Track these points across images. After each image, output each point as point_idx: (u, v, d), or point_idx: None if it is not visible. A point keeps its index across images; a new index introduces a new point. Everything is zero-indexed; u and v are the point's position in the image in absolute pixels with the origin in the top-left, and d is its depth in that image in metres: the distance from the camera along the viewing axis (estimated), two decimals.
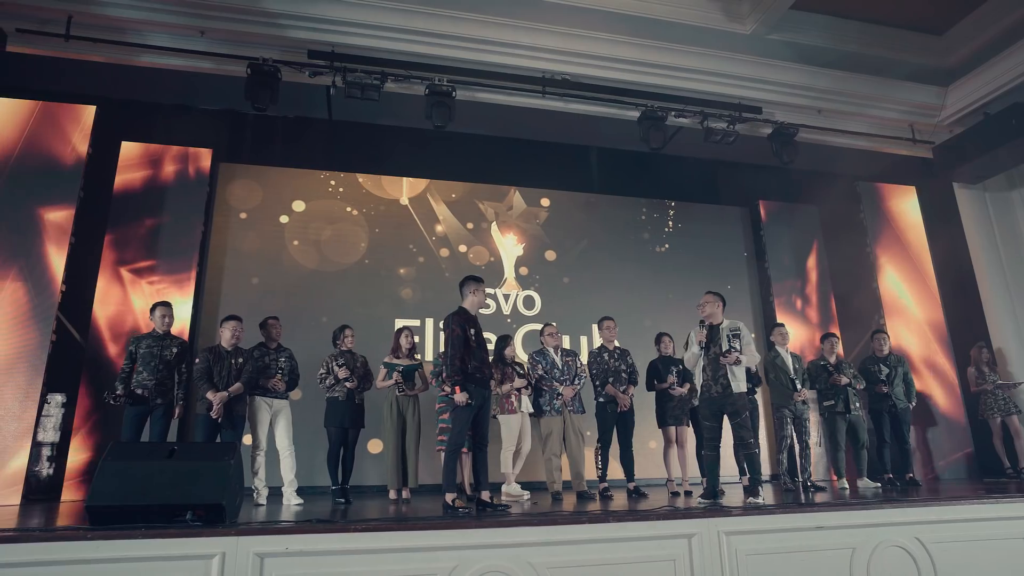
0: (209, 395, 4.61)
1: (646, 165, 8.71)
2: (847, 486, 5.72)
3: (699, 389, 4.36)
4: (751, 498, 3.93)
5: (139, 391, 4.70)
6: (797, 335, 8.38)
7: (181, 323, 6.65)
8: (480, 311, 4.32)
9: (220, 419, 4.61)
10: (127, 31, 6.15)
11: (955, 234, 8.42)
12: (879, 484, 5.78)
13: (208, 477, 2.94)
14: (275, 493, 5.01)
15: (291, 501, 4.79)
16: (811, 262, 9.06)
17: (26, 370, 5.56)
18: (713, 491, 4.17)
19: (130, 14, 6.08)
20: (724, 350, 4.21)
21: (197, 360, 4.82)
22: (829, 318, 8.83)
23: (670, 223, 8.99)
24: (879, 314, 8.25)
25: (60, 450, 5.93)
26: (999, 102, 7.70)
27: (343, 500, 4.93)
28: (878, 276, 8.35)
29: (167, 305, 5.02)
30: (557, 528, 3.13)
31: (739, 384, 4.19)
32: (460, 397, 3.94)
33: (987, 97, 7.77)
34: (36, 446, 5.71)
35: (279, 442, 4.96)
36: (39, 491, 5.72)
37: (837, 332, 8.56)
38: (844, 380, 5.86)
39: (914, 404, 6.21)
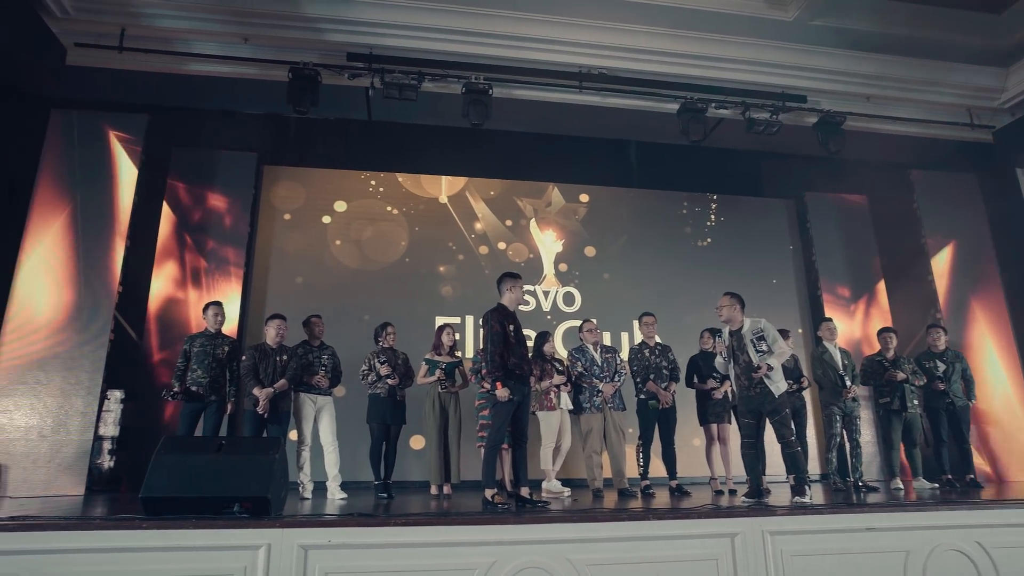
0: (255, 391, 4.75)
1: (687, 158, 8.54)
2: (902, 487, 5.52)
3: (738, 391, 4.26)
4: (797, 497, 3.82)
5: (193, 388, 4.88)
6: (846, 331, 8.13)
7: (230, 322, 6.83)
8: (519, 308, 4.31)
9: (266, 415, 4.75)
10: (175, 41, 6.36)
11: (1020, 223, 8.00)
12: (936, 485, 5.56)
13: (254, 471, 3.02)
14: (320, 487, 5.13)
15: (335, 495, 4.90)
16: (861, 255, 8.75)
17: (88, 368, 5.83)
18: (757, 489, 4.08)
19: (178, 24, 6.30)
20: (755, 366, 4.06)
21: (244, 358, 4.97)
22: (881, 313, 8.52)
23: (712, 217, 8.82)
24: (935, 308, 7.92)
25: (120, 443, 6.20)
26: None
27: (385, 495, 5.01)
28: (933, 268, 8.01)
29: (219, 305, 5.20)
30: (596, 525, 3.11)
31: (778, 387, 4.06)
32: (502, 392, 3.95)
33: None
34: (97, 440, 5.97)
35: (323, 438, 5.07)
36: (101, 482, 5.98)
37: (891, 327, 8.29)
38: (901, 376, 5.64)
39: (974, 402, 5.93)
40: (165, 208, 7.13)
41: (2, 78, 6.00)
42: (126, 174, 6.54)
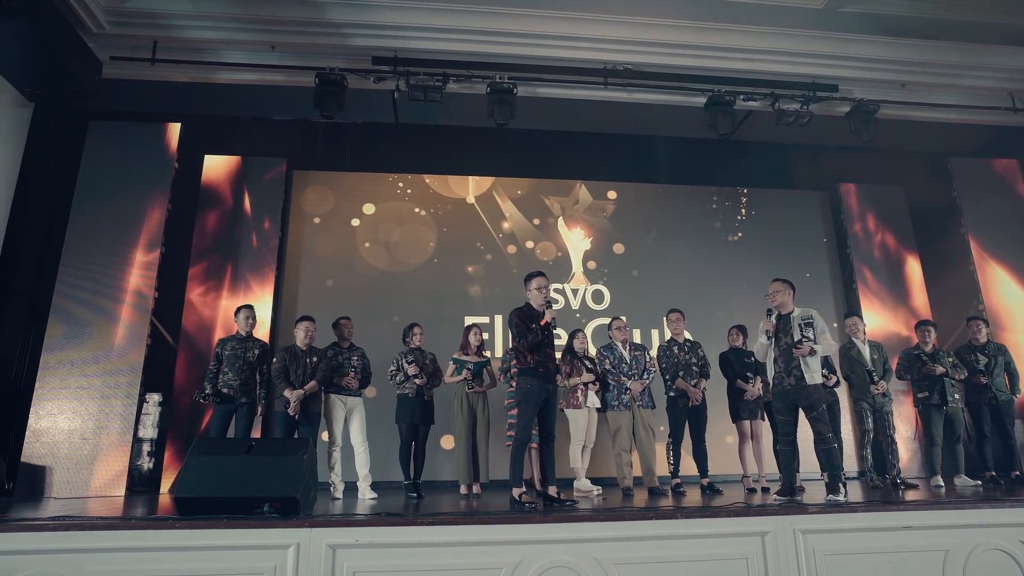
0: (286, 393, 4.83)
1: (716, 152, 8.43)
2: (943, 484, 5.35)
3: (771, 382, 4.17)
4: (831, 495, 3.74)
5: (225, 390, 4.99)
6: (883, 325, 7.92)
7: (263, 325, 7.01)
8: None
9: (297, 416, 4.83)
10: (205, 51, 6.52)
11: None
12: (979, 482, 5.37)
13: (283, 471, 3.08)
14: (351, 487, 5.20)
15: (366, 495, 4.96)
16: (898, 246, 8.51)
17: (127, 372, 6.01)
18: (790, 487, 4.00)
19: (207, 35, 6.45)
20: (796, 340, 4.02)
21: (274, 360, 5.06)
22: (920, 306, 8.27)
23: (743, 211, 8.67)
24: (977, 299, 7.67)
25: (158, 446, 6.37)
26: None
27: (415, 494, 5.05)
28: (975, 259, 7.75)
29: (250, 308, 5.30)
30: (624, 524, 3.08)
31: (814, 376, 3.99)
32: (550, 313, 3.96)
33: None
34: (137, 442, 6.16)
35: (353, 438, 5.13)
36: (141, 483, 6.16)
37: (930, 320, 8.04)
38: (940, 370, 5.46)
39: (1020, 396, 5.72)
40: (198, 214, 7.30)
41: (43, 93, 6.22)
42: (161, 182, 6.71)
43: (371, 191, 8.07)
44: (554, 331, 4.20)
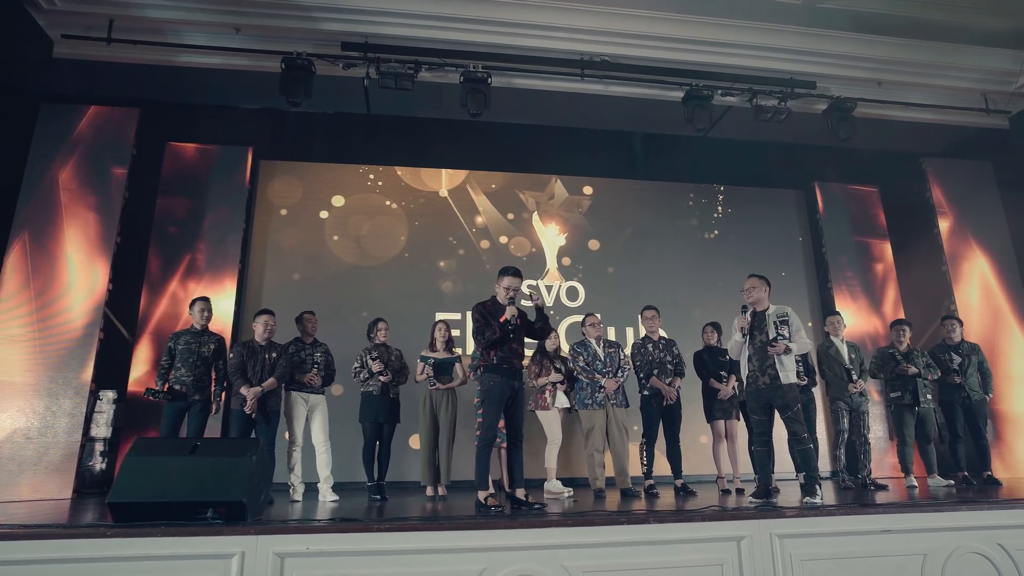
0: (243, 390, 4.59)
1: (693, 149, 8.34)
2: (916, 484, 5.29)
3: (745, 380, 4.05)
4: (808, 498, 3.62)
5: (177, 387, 4.73)
6: (857, 324, 7.90)
7: (224, 320, 6.76)
8: (523, 303, 4.10)
9: (254, 414, 4.58)
10: (165, 32, 6.21)
11: None
12: (952, 482, 5.33)
13: (230, 474, 2.86)
14: (312, 489, 4.97)
15: (327, 498, 4.74)
16: (872, 246, 8.52)
17: (76, 367, 5.69)
18: (766, 489, 3.88)
19: (168, 15, 6.14)
20: (771, 338, 3.91)
21: (231, 355, 4.80)
22: (893, 305, 8.29)
23: (719, 208, 8.60)
24: (949, 300, 7.69)
25: (112, 445, 6.07)
26: None
27: (379, 496, 4.84)
28: (947, 259, 7.77)
29: (206, 300, 5.04)
30: (594, 529, 2.93)
31: (788, 375, 3.88)
32: (511, 310, 3.83)
33: None
34: (89, 442, 5.85)
35: (315, 438, 4.91)
36: (93, 485, 5.86)
37: (905, 319, 8.07)
38: (912, 370, 5.41)
39: (991, 396, 5.70)
40: (159, 203, 7.00)
41: None
42: (117, 169, 6.40)
43: (341, 183, 7.83)
44: (518, 323, 4.01)
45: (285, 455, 4.86)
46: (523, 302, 4.23)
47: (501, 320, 3.87)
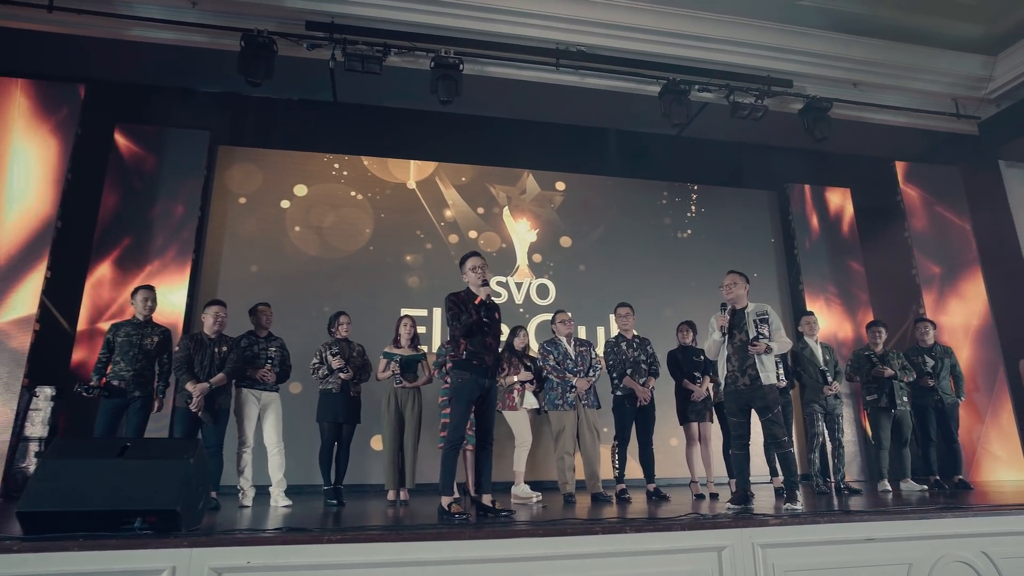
0: (188, 386, 4.23)
1: (667, 147, 8.25)
2: (889, 488, 5.21)
3: (723, 381, 3.87)
4: (788, 504, 3.46)
5: (115, 382, 4.34)
6: (828, 326, 7.86)
7: (176, 312, 6.39)
8: (493, 298, 3.84)
9: (200, 413, 4.24)
10: (114, 1, 5.80)
11: (1002, 218, 7.80)
12: (925, 487, 5.26)
13: (163, 478, 2.55)
14: (265, 493, 4.63)
15: (279, 503, 4.41)
16: (844, 248, 8.50)
17: (7, 361, 5.26)
18: (744, 494, 3.71)
19: None
20: (752, 337, 3.74)
21: (177, 348, 4.44)
22: (863, 307, 8.28)
23: (693, 208, 8.49)
24: (917, 303, 7.70)
25: (48, 445, 5.62)
26: None
27: (335, 501, 4.54)
28: (917, 263, 7.78)
29: (149, 289, 4.65)
30: (566, 540, 2.70)
31: (769, 375, 3.72)
32: (485, 290, 3.60)
33: None
34: (23, 441, 5.42)
35: (267, 438, 4.57)
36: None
37: (881, 320, 8.08)
38: (889, 372, 5.32)
39: (963, 399, 5.65)
40: (106, 187, 6.57)
41: None
42: (58, 148, 5.96)
43: (304, 171, 7.48)
44: (493, 315, 3.77)
45: (235, 457, 4.52)
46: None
47: (476, 302, 3.62)
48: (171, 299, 6.49)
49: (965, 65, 7.46)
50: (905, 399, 5.44)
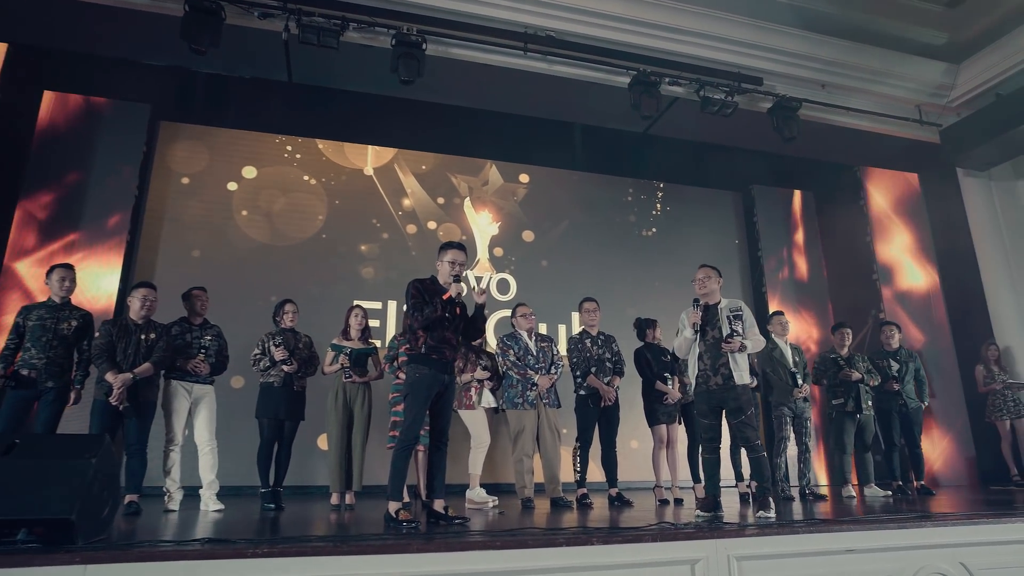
0: (109, 376, 3.79)
1: (633, 144, 8.08)
2: (853, 494, 5.09)
3: (694, 381, 3.65)
4: (761, 511, 3.26)
5: (24, 371, 3.86)
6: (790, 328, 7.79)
7: (107, 298, 5.90)
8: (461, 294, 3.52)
9: (122, 406, 3.79)
10: None
11: (959, 226, 7.87)
12: (889, 492, 5.17)
13: (57, 482, 2.17)
14: (195, 496, 4.21)
15: (209, 507, 4.00)
16: (807, 251, 8.50)
17: None
18: (714, 501, 3.49)
19: None
20: (726, 334, 3.53)
21: (97, 334, 3.98)
22: (824, 310, 8.28)
23: (658, 206, 8.35)
24: (877, 308, 7.71)
25: None
26: (1012, 82, 7.14)
27: (273, 505, 4.15)
28: (878, 268, 7.79)
29: (67, 268, 4.17)
30: (525, 553, 2.42)
31: (743, 375, 3.51)
32: (456, 287, 3.32)
33: (1001, 76, 7.22)
34: None
35: (198, 435, 4.16)
36: None
37: (846, 322, 8.10)
38: (856, 375, 5.22)
39: (927, 404, 5.59)
40: (31, 160, 6.01)
41: None
42: None
43: (253, 152, 7.05)
44: (456, 311, 3.46)
45: (161, 456, 4.09)
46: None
47: (444, 297, 3.31)
48: (102, 284, 6.00)
49: (930, 72, 7.48)
50: (870, 403, 5.34)
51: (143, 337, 3.97)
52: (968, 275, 7.69)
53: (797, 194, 8.75)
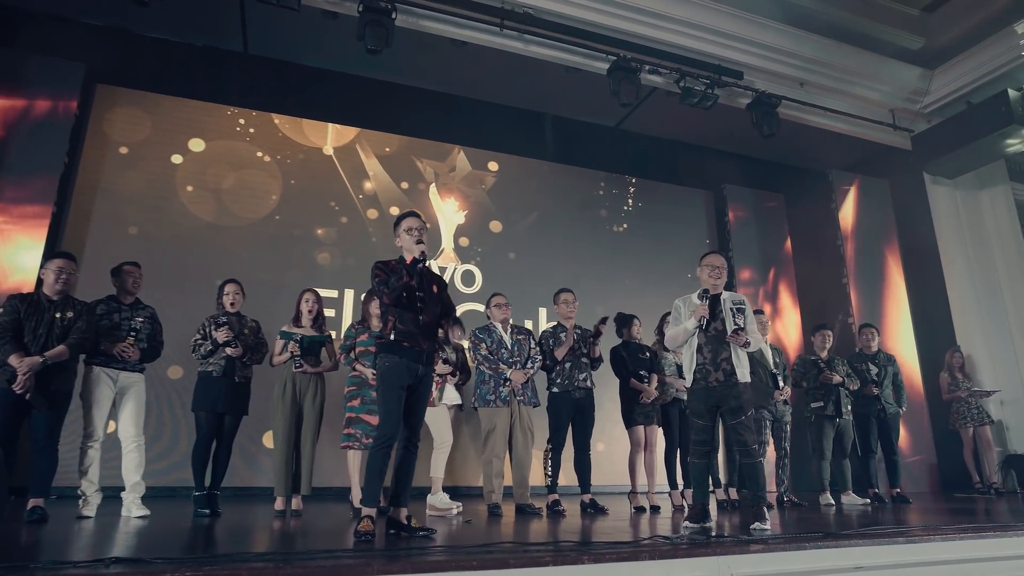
0: (12, 360, 3.24)
1: (607, 137, 7.86)
2: (832, 502, 4.89)
3: (690, 376, 3.34)
4: (757, 523, 2.96)
5: None
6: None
7: (27, 276, 5.26)
8: (428, 262, 3.11)
9: (29, 395, 3.24)
10: None
11: (925, 233, 7.87)
12: (867, 501, 5.00)
13: None
14: (116, 499, 3.69)
15: (132, 512, 3.49)
16: (776, 253, 8.39)
17: None
18: (702, 510, 3.19)
19: None
20: (732, 328, 3.24)
21: (0, 310, 3.42)
22: (793, 313, 8.18)
23: (630, 201, 8.10)
24: (845, 312, 7.63)
25: None
26: (983, 91, 7.16)
27: (207, 511, 3.66)
28: (848, 271, 7.72)
29: None
30: (508, 573, 2.05)
31: (744, 372, 3.23)
32: (420, 247, 2.98)
33: (973, 84, 7.23)
34: None
35: (122, 430, 3.63)
36: None
37: (800, 327, 8.04)
38: (837, 379, 5.03)
39: (904, 409, 5.45)
40: None
41: None
42: None
43: (202, 124, 6.48)
44: (430, 288, 3.06)
45: (77, 453, 3.56)
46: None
47: (408, 261, 2.91)
48: (22, 260, 5.37)
49: (905, 75, 7.46)
50: (849, 407, 5.16)
51: (58, 315, 3.42)
52: (933, 283, 7.70)
53: (769, 195, 8.64)
